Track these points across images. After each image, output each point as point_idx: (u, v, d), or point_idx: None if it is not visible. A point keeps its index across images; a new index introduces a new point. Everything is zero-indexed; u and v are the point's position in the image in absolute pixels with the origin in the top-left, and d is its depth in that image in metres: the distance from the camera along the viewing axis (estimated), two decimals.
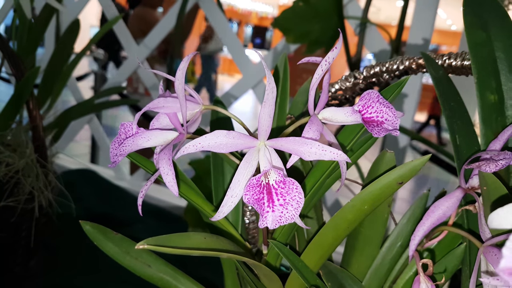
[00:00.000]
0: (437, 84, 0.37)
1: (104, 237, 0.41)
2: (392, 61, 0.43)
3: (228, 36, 1.17)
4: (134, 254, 0.42)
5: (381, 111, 0.32)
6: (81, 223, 0.41)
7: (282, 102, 0.48)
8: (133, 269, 0.42)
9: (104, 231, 0.42)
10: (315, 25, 0.91)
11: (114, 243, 0.42)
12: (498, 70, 0.35)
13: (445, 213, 0.33)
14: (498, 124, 0.35)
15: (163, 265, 0.43)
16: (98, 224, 0.41)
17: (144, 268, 0.42)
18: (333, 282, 0.38)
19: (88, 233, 0.41)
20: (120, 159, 0.34)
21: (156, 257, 0.43)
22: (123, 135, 0.36)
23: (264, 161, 0.29)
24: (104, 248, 0.41)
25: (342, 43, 0.31)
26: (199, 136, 0.36)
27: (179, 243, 0.27)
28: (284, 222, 0.28)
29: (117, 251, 0.42)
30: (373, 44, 1.01)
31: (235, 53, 1.17)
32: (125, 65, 1.32)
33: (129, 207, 1.08)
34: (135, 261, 0.42)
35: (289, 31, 0.93)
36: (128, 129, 0.36)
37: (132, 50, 1.27)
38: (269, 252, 0.39)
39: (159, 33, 1.26)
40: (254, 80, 1.14)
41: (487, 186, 0.31)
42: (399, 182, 0.32)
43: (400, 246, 0.40)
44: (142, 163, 0.37)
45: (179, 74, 0.32)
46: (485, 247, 0.30)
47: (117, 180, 1.34)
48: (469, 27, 0.36)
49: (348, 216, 0.34)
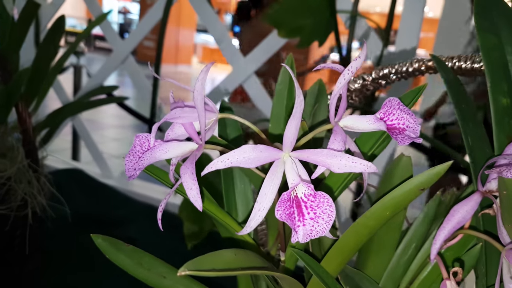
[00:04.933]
0: (449, 87, 0.38)
1: (115, 249, 0.41)
2: (402, 63, 0.43)
3: (216, 28, 1.16)
4: (147, 265, 0.42)
5: (402, 118, 0.32)
6: (93, 237, 0.40)
7: (289, 104, 0.48)
8: (147, 281, 0.41)
9: (115, 243, 0.41)
10: (308, 19, 0.90)
11: (126, 255, 0.41)
12: (510, 74, 0.36)
13: (465, 217, 0.33)
14: (511, 127, 0.36)
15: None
16: (108, 236, 0.40)
17: (159, 280, 0.42)
18: (351, 285, 0.38)
19: (100, 246, 0.40)
20: (138, 173, 0.34)
21: (171, 267, 0.42)
22: (138, 147, 0.35)
23: (293, 174, 0.29)
24: (116, 261, 0.40)
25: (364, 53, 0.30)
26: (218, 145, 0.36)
27: (214, 263, 0.27)
28: (314, 236, 0.28)
29: (129, 263, 0.41)
30: (363, 36, 1.01)
31: (224, 46, 1.16)
32: (110, 60, 1.29)
33: (120, 206, 1.07)
34: (148, 272, 0.42)
35: (281, 25, 0.93)
36: (143, 141, 0.35)
37: (117, 44, 1.24)
38: (287, 258, 0.39)
39: (145, 26, 1.23)
40: (245, 74, 1.13)
41: (508, 190, 0.31)
42: (421, 189, 0.33)
43: (415, 248, 0.40)
44: (160, 176, 0.36)
45: (198, 85, 0.32)
46: (507, 250, 0.30)
47: (104, 178, 1.32)
48: (481, 30, 0.37)
49: (370, 223, 0.34)
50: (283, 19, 0.96)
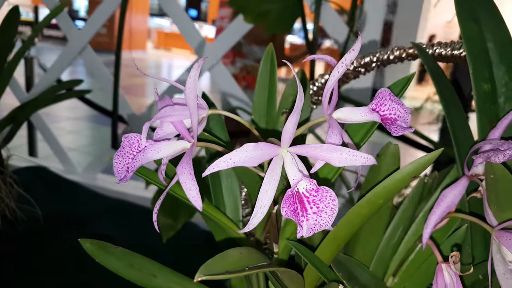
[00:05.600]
0: (432, 74, 0.39)
1: (105, 252, 0.40)
2: (383, 51, 0.43)
3: (176, 12, 1.12)
4: (138, 266, 0.41)
5: (393, 108, 0.33)
6: (81, 242, 0.38)
7: (271, 96, 0.48)
8: (139, 282, 0.40)
9: (104, 246, 0.40)
10: (274, 4, 0.89)
11: (116, 258, 0.40)
12: (490, 61, 0.37)
13: (454, 201, 0.35)
14: (492, 112, 0.37)
15: (169, 273, 0.42)
16: (98, 240, 0.39)
17: (150, 279, 0.41)
18: (343, 272, 0.39)
19: (89, 250, 0.39)
20: (130, 175, 0.32)
21: (160, 266, 0.42)
22: (127, 147, 0.34)
23: (294, 170, 0.29)
24: (106, 264, 0.39)
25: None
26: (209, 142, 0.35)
27: (224, 265, 0.27)
28: (318, 230, 0.29)
29: (120, 265, 0.40)
30: (328, 20, 1.02)
31: (185, 32, 1.13)
32: (66, 51, 1.23)
33: (89, 203, 1.04)
34: (140, 273, 0.41)
35: (247, 10, 0.92)
36: (133, 141, 0.34)
37: (73, 34, 1.18)
38: (281, 250, 0.39)
39: (102, 13, 1.18)
40: (211, 61, 1.11)
41: (494, 174, 0.33)
42: (413, 176, 0.34)
43: (402, 231, 0.42)
44: (152, 178, 0.35)
45: (190, 83, 0.31)
46: (497, 231, 0.32)
47: (67, 174, 1.28)
48: (461, 18, 0.37)
49: (363, 211, 0.35)
50: (248, 4, 0.94)
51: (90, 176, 1.32)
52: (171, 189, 0.35)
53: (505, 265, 0.31)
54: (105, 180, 1.33)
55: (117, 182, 0.33)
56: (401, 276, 0.40)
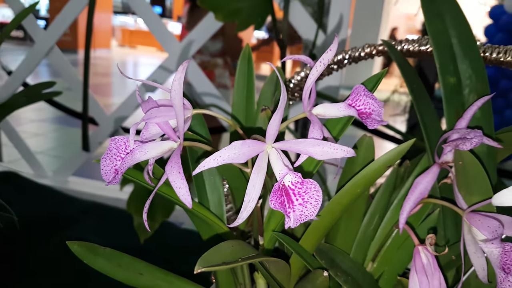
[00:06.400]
0: (401, 69, 0.41)
1: (93, 254, 0.40)
2: (354, 48, 0.45)
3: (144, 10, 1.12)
4: (125, 265, 0.41)
5: (368, 103, 0.35)
6: (68, 244, 0.39)
7: (249, 93, 0.49)
8: (127, 280, 0.41)
9: (92, 248, 0.40)
10: (245, 2, 0.91)
11: (104, 258, 0.40)
12: (454, 55, 0.40)
13: (426, 187, 0.37)
14: (458, 103, 0.40)
15: (155, 270, 0.42)
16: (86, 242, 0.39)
17: (137, 277, 0.42)
18: (326, 259, 0.41)
19: (77, 252, 0.39)
20: (119, 177, 0.33)
21: (146, 264, 0.42)
22: (114, 150, 0.34)
23: (280, 165, 0.30)
24: (95, 265, 0.40)
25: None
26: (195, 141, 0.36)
27: (219, 257, 0.28)
28: (304, 220, 0.30)
29: (108, 266, 0.41)
30: (297, 17, 1.04)
31: (154, 30, 1.13)
32: (32, 53, 1.20)
33: (63, 207, 1.02)
34: (127, 272, 0.41)
35: (218, 9, 0.92)
36: (120, 143, 0.34)
37: (40, 35, 1.16)
38: (266, 241, 0.41)
39: (69, 13, 1.16)
40: (181, 59, 1.11)
41: (463, 161, 0.35)
42: (387, 166, 0.36)
43: (379, 217, 0.44)
44: (140, 179, 0.36)
45: (176, 85, 0.32)
46: (467, 213, 0.34)
47: (38, 178, 1.25)
48: (428, 16, 0.40)
49: (343, 201, 0.37)
50: (219, 3, 0.95)
51: (62, 179, 1.30)
52: (159, 188, 0.36)
53: (475, 244, 0.34)
54: (77, 183, 1.31)
55: (106, 185, 0.34)
56: (380, 260, 0.42)
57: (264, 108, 0.46)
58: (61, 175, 1.32)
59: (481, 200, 0.35)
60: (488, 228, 0.33)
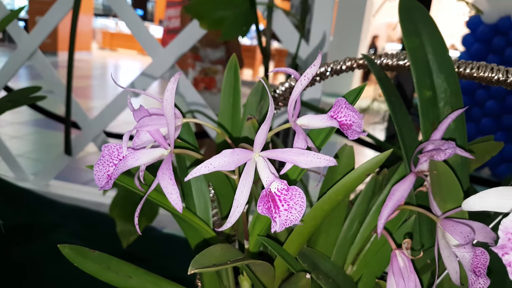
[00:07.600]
0: (380, 82, 0.43)
1: (83, 257, 0.41)
2: (336, 61, 0.48)
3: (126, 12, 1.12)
4: (115, 268, 0.43)
5: (348, 115, 0.37)
6: (60, 247, 0.40)
7: (235, 102, 0.51)
8: (116, 283, 0.42)
9: (82, 251, 0.41)
10: (229, 11, 0.92)
11: (93, 261, 0.42)
12: (431, 70, 0.43)
13: (403, 195, 0.39)
14: (434, 116, 0.43)
15: (144, 274, 0.44)
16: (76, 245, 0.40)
17: (126, 280, 0.43)
18: (308, 262, 0.43)
19: (67, 255, 0.40)
20: (112, 182, 0.34)
21: (135, 267, 0.43)
22: (107, 156, 0.36)
23: (266, 173, 0.32)
24: (85, 268, 0.41)
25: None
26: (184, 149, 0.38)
27: (210, 259, 0.29)
28: (289, 224, 0.32)
29: (97, 269, 0.42)
30: (280, 26, 1.06)
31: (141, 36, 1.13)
32: (15, 56, 1.19)
33: (44, 211, 1.02)
34: (116, 275, 0.43)
35: (203, 17, 0.94)
36: (112, 150, 0.36)
37: (22, 39, 1.15)
38: (252, 245, 0.42)
39: (53, 17, 1.16)
40: (166, 65, 1.12)
41: (437, 170, 0.38)
42: (367, 174, 0.38)
43: (358, 223, 0.46)
44: (130, 184, 0.37)
45: (168, 95, 0.33)
46: (442, 219, 0.37)
47: (19, 182, 1.24)
48: (406, 33, 0.42)
49: (325, 207, 0.39)
50: (204, 11, 0.97)
51: (43, 183, 1.29)
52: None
53: (449, 249, 0.36)
54: (59, 187, 1.30)
55: (99, 189, 0.35)
56: (359, 264, 0.45)
57: (250, 117, 0.48)
58: (42, 179, 1.31)
59: (454, 207, 0.38)
60: (461, 233, 0.35)
